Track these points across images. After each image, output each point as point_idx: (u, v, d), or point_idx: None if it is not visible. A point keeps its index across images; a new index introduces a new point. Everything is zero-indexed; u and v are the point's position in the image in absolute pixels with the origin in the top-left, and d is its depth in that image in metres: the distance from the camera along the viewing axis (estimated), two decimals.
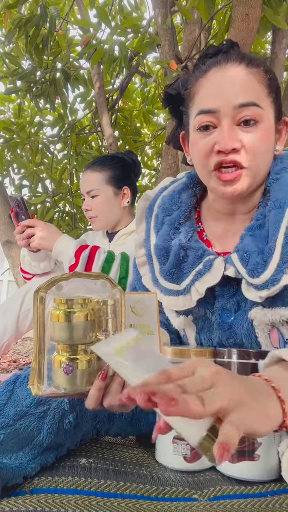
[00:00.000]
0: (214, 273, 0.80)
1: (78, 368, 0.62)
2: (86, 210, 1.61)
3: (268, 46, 2.76)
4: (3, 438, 0.71)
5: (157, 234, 0.91)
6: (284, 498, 0.68)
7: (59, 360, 0.62)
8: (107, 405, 0.64)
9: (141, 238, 0.94)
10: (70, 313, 0.62)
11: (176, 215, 0.90)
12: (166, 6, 2.13)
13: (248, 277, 0.76)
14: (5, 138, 3.01)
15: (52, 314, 0.63)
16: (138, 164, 1.74)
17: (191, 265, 0.83)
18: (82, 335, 0.63)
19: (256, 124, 0.75)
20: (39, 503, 0.63)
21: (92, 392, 0.62)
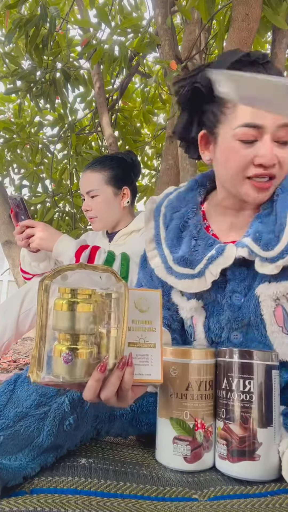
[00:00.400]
0: (227, 256, 0.86)
1: (78, 358, 0.62)
2: (86, 211, 1.61)
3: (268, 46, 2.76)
4: (3, 439, 0.70)
5: (166, 228, 0.97)
6: (284, 498, 0.68)
7: (60, 349, 0.63)
8: (104, 397, 0.64)
9: (151, 234, 0.99)
10: (73, 303, 0.63)
11: (184, 211, 0.97)
12: (166, 6, 2.13)
13: (262, 252, 0.82)
14: (5, 138, 3.01)
15: (56, 303, 0.64)
16: (138, 164, 1.74)
17: (202, 252, 0.90)
18: (84, 325, 0.63)
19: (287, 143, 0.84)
20: (39, 503, 0.63)
21: (90, 383, 0.63)
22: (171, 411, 0.78)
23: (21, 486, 0.68)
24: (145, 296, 0.72)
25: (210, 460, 0.77)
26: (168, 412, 0.78)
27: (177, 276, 0.91)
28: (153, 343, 0.70)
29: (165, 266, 0.93)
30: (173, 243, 0.94)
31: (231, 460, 0.73)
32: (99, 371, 0.63)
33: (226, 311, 0.88)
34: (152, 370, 0.69)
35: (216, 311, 0.90)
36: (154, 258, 0.97)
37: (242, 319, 0.87)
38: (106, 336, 0.66)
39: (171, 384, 0.79)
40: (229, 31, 1.68)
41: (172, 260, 0.92)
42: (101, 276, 0.68)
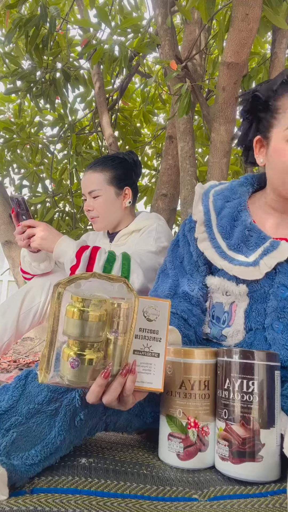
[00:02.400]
0: (281, 251, 0.93)
1: (84, 364, 0.65)
2: (88, 211, 1.61)
3: (268, 46, 2.76)
4: (16, 436, 0.71)
5: (218, 215, 1.04)
6: (284, 498, 0.68)
7: (68, 353, 0.65)
8: (106, 401, 0.67)
9: (201, 218, 1.05)
10: (84, 312, 0.65)
11: (237, 202, 1.04)
12: (166, 6, 2.13)
13: None
14: (5, 138, 3.01)
15: (68, 310, 0.66)
16: (139, 164, 1.74)
17: (255, 243, 0.96)
18: (93, 334, 0.65)
19: None
20: (39, 503, 0.63)
21: (93, 388, 0.66)
22: (166, 408, 0.79)
23: (21, 486, 0.68)
24: (154, 305, 0.74)
25: (206, 460, 0.77)
26: (164, 409, 0.80)
27: (231, 261, 0.96)
28: (157, 352, 0.72)
29: (217, 251, 0.99)
30: (226, 230, 1.00)
31: (233, 461, 0.73)
32: (103, 377, 0.66)
33: (272, 300, 0.93)
34: (154, 379, 0.71)
35: (260, 299, 0.95)
36: (204, 241, 1.02)
37: (286, 310, 0.91)
38: (112, 343, 0.68)
39: (167, 382, 0.80)
40: (229, 31, 1.68)
41: (227, 246, 0.98)
42: (113, 285, 0.69)
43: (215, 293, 1.02)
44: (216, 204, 1.06)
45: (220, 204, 1.05)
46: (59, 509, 0.63)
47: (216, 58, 2.68)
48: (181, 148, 2.09)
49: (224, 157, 1.91)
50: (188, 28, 2.41)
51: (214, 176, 1.90)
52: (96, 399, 0.67)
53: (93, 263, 1.34)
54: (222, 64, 1.76)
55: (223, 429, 0.75)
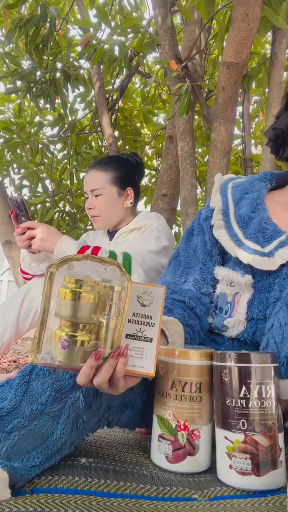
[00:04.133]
0: None
1: (75, 345, 0.64)
2: (89, 209, 1.61)
3: (268, 46, 2.76)
4: (17, 439, 0.70)
5: (236, 205, 1.05)
6: (284, 497, 0.68)
7: (59, 334, 0.65)
8: (96, 383, 0.66)
9: (219, 205, 1.06)
10: (77, 293, 0.65)
11: (256, 195, 1.05)
12: (166, 6, 2.13)
13: None
14: (5, 138, 3.01)
15: (60, 291, 0.66)
16: (142, 166, 1.75)
17: (271, 235, 0.96)
18: (85, 315, 0.65)
19: None
20: (39, 503, 0.63)
21: (84, 369, 0.65)
22: (157, 409, 0.78)
23: (21, 486, 0.68)
24: (148, 291, 0.73)
25: (196, 465, 0.75)
26: (156, 409, 0.79)
27: (247, 250, 0.96)
28: (150, 337, 0.71)
29: (232, 238, 1.00)
30: (243, 220, 1.01)
31: (258, 473, 0.68)
32: (94, 358, 0.65)
33: (275, 290, 0.93)
34: (146, 363, 0.70)
35: (264, 289, 0.95)
36: (220, 229, 1.03)
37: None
38: (105, 326, 0.67)
39: (158, 382, 0.79)
40: (229, 31, 1.68)
41: (243, 234, 0.99)
42: (106, 269, 0.69)
43: (220, 284, 1.03)
44: (235, 194, 1.07)
45: (239, 195, 1.06)
46: (59, 509, 0.63)
47: (216, 58, 2.68)
48: (181, 148, 2.09)
49: (224, 157, 1.91)
50: (188, 28, 2.41)
51: (214, 176, 1.90)
52: (87, 381, 0.66)
53: None
54: (222, 64, 1.76)
55: (241, 441, 0.69)
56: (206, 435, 0.76)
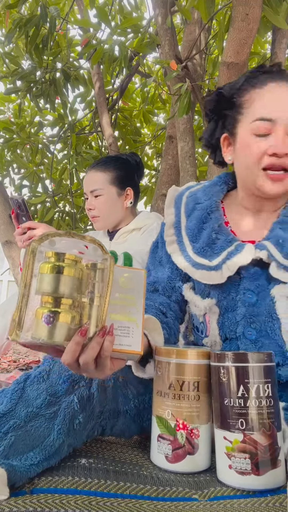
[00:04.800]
0: (245, 255, 0.89)
1: (59, 321, 0.62)
2: (89, 209, 1.62)
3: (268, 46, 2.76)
4: (14, 439, 0.70)
5: (188, 217, 1.01)
6: (284, 497, 0.68)
7: (41, 311, 0.62)
8: (83, 361, 0.64)
9: (171, 220, 1.04)
10: (59, 267, 0.63)
11: (207, 204, 1.01)
12: (166, 6, 2.13)
13: (283, 259, 0.87)
14: (5, 138, 3.00)
15: (42, 266, 0.64)
16: (142, 166, 1.75)
17: (221, 246, 0.93)
18: (67, 289, 0.63)
19: None
20: (39, 504, 0.63)
21: (70, 346, 0.63)
22: (156, 409, 0.78)
23: (21, 486, 0.68)
24: (130, 273, 0.73)
25: (196, 464, 0.75)
26: (154, 409, 0.79)
27: (194, 265, 0.94)
28: (134, 317, 0.71)
29: (183, 254, 0.97)
30: (193, 233, 0.98)
31: (257, 473, 0.68)
32: (80, 334, 0.63)
33: (240, 307, 0.91)
34: (132, 342, 0.69)
35: (230, 307, 0.93)
36: (172, 244, 1.00)
37: (256, 316, 0.89)
38: (88, 305, 0.66)
39: (156, 382, 0.79)
40: (229, 31, 1.68)
41: (192, 249, 0.96)
42: (88, 246, 0.68)
43: (189, 304, 1.02)
44: (188, 206, 1.04)
45: (192, 206, 1.03)
46: (59, 510, 0.63)
47: (216, 58, 2.68)
48: (181, 148, 2.09)
49: None
50: (188, 28, 2.41)
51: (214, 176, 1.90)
52: (73, 359, 0.64)
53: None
54: (222, 64, 1.76)
55: (240, 441, 0.69)
56: (205, 434, 0.76)
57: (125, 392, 0.89)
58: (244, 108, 0.93)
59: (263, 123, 0.88)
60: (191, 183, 1.11)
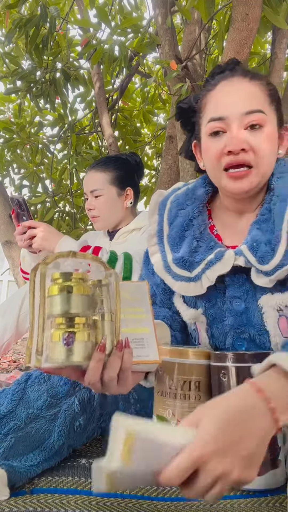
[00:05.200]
0: (225, 263, 0.85)
1: (77, 340, 0.61)
2: (89, 210, 1.62)
3: (268, 46, 2.76)
4: (14, 441, 0.70)
5: (170, 225, 0.97)
6: (284, 497, 0.68)
7: (58, 334, 0.62)
8: (108, 377, 0.64)
9: (154, 228, 0.99)
10: (68, 286, 0.63)
11: (190, 209, 0.97)
12: (166, 6, 2.13)
13: (258, 265, 0.81)
14: (5, 138, 3.00)
15: (51, 289, 0.63)
16: (141, 166, 1.75)
17: (202, 254, 0.89)
18: (80, 308, 0.63)
19: (261, 128, 0.84)
20: (39, 504, 0.63)
21: (92, 364, 0.62)
22: (157, 408, 0.78)
23: (22, 486, 0.68)
24: (132, 287, 0.74)
25: None
26: (155, 409, 0.79)
27: (174, 277, 0.91)
28: (146, 327, 0.71)
29: (164, 265, 0.93)
30: (175, 242, 0.94)
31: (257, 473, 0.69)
32: (99, 351, 0.62)
33: (228, 317, 0.87)
34: (149, 352, 0.70)
35: (218, 318, 0.89)
36: (155, 254, 0.97)
37: (246, 326, 0.85)
38: (100, 322, 0.66)
39: (157, 382, 0.79)
40: (229, 31, 1.68)
41: (172, 259, 0.92)
42: (91, 265, 0.68)
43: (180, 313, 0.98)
44: (171, 212, 0.99)
45: (174, 212, 0.98)
46: (59, 510, 0.63)
47: (216, 58, 2.68)
48: None
49: None
50: (188, 28, 2.40)
51: None
52: (96, 378, 0.63)
53: None
54: None
55: None
56: None
57: (127, 396, 0.89)
58: (201, 112, 0.92)
59: (215, 123, 0.86)
60: (179, 184, 1.06)
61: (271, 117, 0.86)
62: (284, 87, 2.15)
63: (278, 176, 0.88)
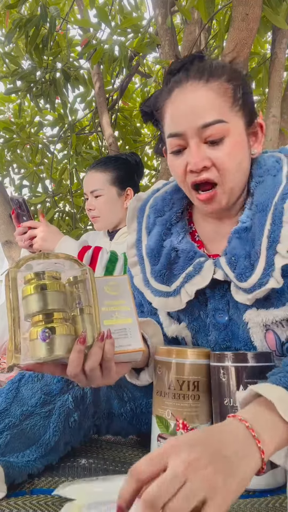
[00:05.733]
0: (204, 275, 0.80)
1: (56, 334, 0.62)
2: (89, 210, 1.62)
3: (268, 46, 2.76)
4: (10, 438, 0.71)
5: (148, 234, 0.91)
6: (284, 498, 0.68)
7: (36, 331, 0.62)
8: (89, 368, 0.64)
9: (133, 239, 0.93)
10: (42, 284, 0.63)
11: (168, 216, 0.90)
12: (166, 6, 2.13)
13: (237, 281, 0.76)
14: (5, 138, 3.00)
15: (24, 290, 0.64)
16: (141, 166, 1.75)
17: (181, 266, 0.84)
18: (56, 304, 0.64)
19: (222, 140, 0.76)
20: (39, 505, 0.63)
21: (73, 356, 0.62)
22: (156, 409, 0.78)
23: (21, 486, 0.68)
24: (113, 281, 0.74)
25: None
26: (154, 409, 0.79)
27: (153, 292, 0.86)
28: (128, 318, 0.72)
29: (143, 278, 0.89)
30: (153, 253, 0.87)
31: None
32: (79, 342, 0.62)
33: (212, 332, 0.84)
34: (131, 341, 0.70)
35: (202, 331, 0.86)
36: (135, 266, 0.91)
37: (230, 341, 0.83)
38: (79, 316, 0.66)
39: (156, 382, 0.79)
40: (229, 31, 1.68)
41: (150, 272, 0.87)
42: (64, 264, 0.69)
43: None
44: (149, 220, 0.92)
45: (152, 220, 0.91)
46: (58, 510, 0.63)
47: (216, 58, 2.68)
48: None
49: None
50: (188, 28, 2.40)
51: None
52: (78, 369, 0.63)
53: (95, 263, 1.34)
54: None
55: None
56: None
57: (120, 394, 0.89)
58: (162, 121, 0.83)
59: (173, 139, 0.78)
60: (159, 184, 0.98)
61: (235, 122, 0.77)
62: (284, 87, 2.15)
63: (257, 180, 0.82)
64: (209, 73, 0.78)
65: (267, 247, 0.74)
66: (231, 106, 0.77)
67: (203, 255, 0.84)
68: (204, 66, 0.79)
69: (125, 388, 0.90)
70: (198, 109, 0.76)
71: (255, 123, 0.83)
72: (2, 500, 0.64)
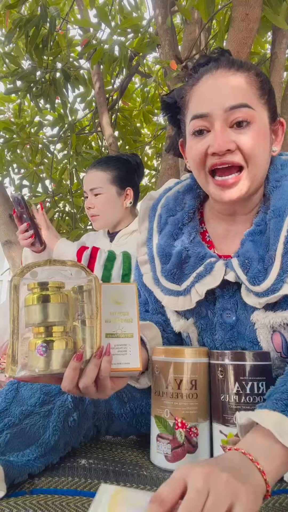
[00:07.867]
0: (215, 276, 0.80)
1: (53, 349, 0.62)
2: (89, 208, 1.62)
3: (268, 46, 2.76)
4: (9, 437, 0.71)
5: (160, 233, 0.91)
6: (284, 497, 0.68)
7: (34, 343, 0.62)
8: (82, 385, 0.64)
9: (143, 237, 0.94)
10: (44, 296, 0.63)
11: (180, 215, 0.91)
12: (166, 6, 2.13)
13: (249, 284, 0.76)
14: (5, 138, 3.00)
15: (27, 299, 0.64)
16: (142, 166, 1.76)
17: (192, 266, 0.84)
18: (57, 316, 0.63)
19: (249, 125, 0.76)
20: (39, 505, 0.63)
21: (67, 373, 0.62)
22: (155, 409, 0.79)
23: (21, 487, 0.68)
24: (120, 289, 0.73)
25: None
26: (153, 409, 0.79)
27: (163, 290, 0.87)
28: (130, 333, 0.71)
29: (153, 277, 0.89)
30: (164, 252, 0.88)
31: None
32: (75, 359, 0.62)
33: (218, 331, 0.84)
34: (130, 359, 0.69)
35: (208, 329, 0.86)
36: (145, 265, 0.92)
37: (236, 341, 0.83)
38: (80, 328, 0.66)
39: (154, 382, 0.80)
40: (229, 31, 1.68)
41: (161, 271, 0.87)
42: (71, 272, 0.68)
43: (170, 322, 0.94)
44: (161, 220, 0.92)
45: (164, 219, 0.92)
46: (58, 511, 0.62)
47: None
48: None
49: None
50: (188, 28, 2.40)
51: None
52: (72, 385, 0.63)
53: (94, 262, 1.35)
54: None
55: (234, 435, 0.71)
56: (204, 432, 0.76)
57: (120, 395, 0.89)
58: (185, 109, 0.84)
59: (197, 120, 0.78)
60: (170, 183, 0.98)
61: (260, 112, 0.78)
62: (284, 87, 2.15)
63: (274, 184, 0.82)
64: (238, 65, 0.80)
65: (283, 253, 0.74)
66: (258, 97, 0.79)
67: (214, 256, 0.84)
68: (233, 60, 0.82)
69: (125, 389, 0.90)
70: (227, 91, 0.77)
71: (277, 121, 0.84)
72: (2, 499, 0.64)
